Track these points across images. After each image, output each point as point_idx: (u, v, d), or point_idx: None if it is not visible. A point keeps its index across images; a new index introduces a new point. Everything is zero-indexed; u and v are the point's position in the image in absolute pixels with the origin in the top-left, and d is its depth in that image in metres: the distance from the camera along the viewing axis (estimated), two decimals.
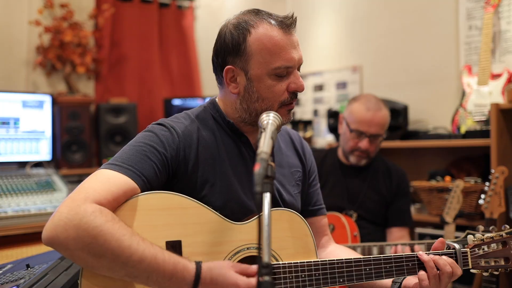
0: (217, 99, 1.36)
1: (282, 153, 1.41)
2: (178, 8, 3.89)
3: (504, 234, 1.32)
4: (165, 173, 1.18)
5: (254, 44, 1.22)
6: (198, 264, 1.04)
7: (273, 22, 1.24)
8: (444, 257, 1.24)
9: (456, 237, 2.21)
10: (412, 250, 1.89)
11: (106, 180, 1.07)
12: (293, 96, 1.26)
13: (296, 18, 1.26)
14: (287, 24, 1.24)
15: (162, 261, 1.01)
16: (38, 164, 2.93)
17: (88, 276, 1.04)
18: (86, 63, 3.30)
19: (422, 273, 1.22)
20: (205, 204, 1.19)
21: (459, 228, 2.38)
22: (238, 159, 1.29)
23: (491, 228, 1.49)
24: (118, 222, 1.01)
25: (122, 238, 0.99)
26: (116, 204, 1.06)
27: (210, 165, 1.24)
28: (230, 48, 1.24)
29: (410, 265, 1.24)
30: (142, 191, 1.11)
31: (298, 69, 1.29)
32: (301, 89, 1.26)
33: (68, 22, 3.26)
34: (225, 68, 1.25)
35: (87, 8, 3.45)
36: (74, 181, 2.98)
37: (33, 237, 2.36)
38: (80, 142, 3.10)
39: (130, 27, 3.65)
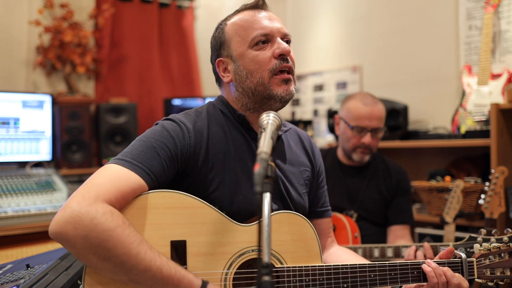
0: (223, 97, 1.38)
1: (292, 151, 1.41)
2: (178, 8, 3.89)
3: (511, 245, 1.31)
4: (174, 169, 1.19)
5: (230, 29, 1.31)
6: (204, 283, 1.04)
7: (243, 9, 1.34)
8: (445, 268, 1.23)
9: (457, 238, 2.21)
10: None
11: (115, 177, 1.07)
12: (281, 61, 1.26)
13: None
14: (255, 5, 1.32)
15: (167, 274, 1.01)
16: (38, 164, 2.94)
17: (91, 273, 1.05)
18: (86, 63, 3.30)
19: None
20: (213, 199, 1.19)
21: (459, 228, 2.38)
22: (247, 154, 1.29)
23: (493, 231, 1.48)
24: (128, 228, 1.01)
25: (130, 246, 0.99)
26: (125, 202, 1.07)
27: (220, 161, 1.25)
28: (216, 46, 1.34)
29: (416, 273, 1.24)
30: (149, 189, 1.12)
31: (283, 40, 1.29)
32: (286, 51, 1.26)
33: (68, 22, 3.27)
34: (216, 61, 1.33)
35: (87, 8, 3.45)
36: (74, 181, 2.98)
37: (33, 237, 2.36)
38: (80, 142, 3.10)
39: (130, 27, 3.65)
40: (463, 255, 1.27)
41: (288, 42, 1.31)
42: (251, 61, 1.26)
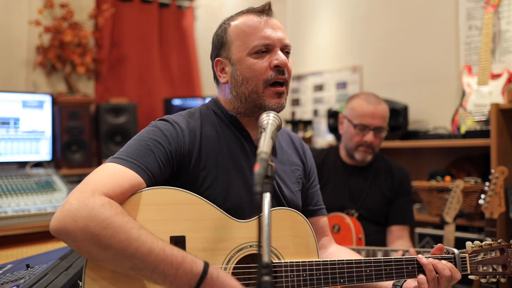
0: (217, 98, 1.40)
1: (283, 151, 1.43)
2: (178, 8, 3.89)
3: (502, 242, 1.35)
4: (169, 168, 1.20)
5: (233, 32, 1.30)
6: (206, 263, 1.05)
7: (249, 11, 1.32)
8: (443, 261, 1.27)
9: (456, 238, 2.21)
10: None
11: (113, 173, 1.08)
12: (277, 73, 1.27)
13: (270, 4, 1.33)
14: (262, 10, 1.32)
15: (170, 253, 1.02)
16: (38, 164, 2.94)
17: (93, 267, 1.05)
18: (86, 63, 3.31)
19: (421, 276, 1.25)
20: (206, 197, 1.20)
21: (459, 228, 2.38)
22: (240, 153, 1.31)
23: (499, 240, 1.50)
24: (127, 216, 1.03)
25: (131, 230, 1.00)
26: (123, 197, 1.08)
27: (213, 160, 1.26)
28: (217, 45, 1.35)
29: (410, 268, 1.26)
30: (147, 186, 1.13)
31: (283, 51, 1.30)
32: (283, 64, 1.27)
33: (68, 22, 3.27)
34: (215, 60, 1.34)
35: (87, 8, 3.45)
36: (74, 181, 2.98)
37: (33, 237, 2.36)
38: (80, 142, 3.10)
39: (130, 27, 3.65)
40: (456, 250, 1.30)
41: (288, 53, 1.32)
42: (248, 68, 1.27)
